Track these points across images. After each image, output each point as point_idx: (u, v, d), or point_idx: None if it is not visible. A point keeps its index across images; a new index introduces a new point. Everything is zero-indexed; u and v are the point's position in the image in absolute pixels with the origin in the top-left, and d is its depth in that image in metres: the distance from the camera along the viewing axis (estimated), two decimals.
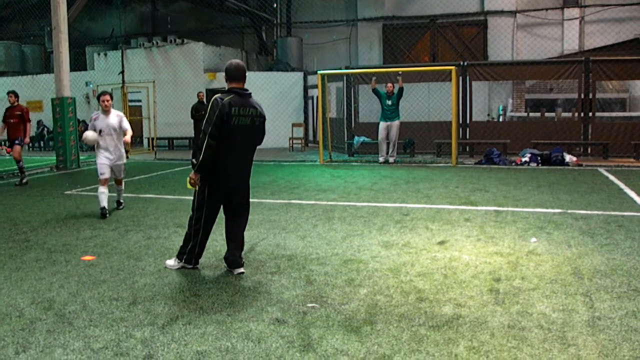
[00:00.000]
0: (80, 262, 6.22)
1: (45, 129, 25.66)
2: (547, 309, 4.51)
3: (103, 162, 8.85)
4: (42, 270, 5.90)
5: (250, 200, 6.03)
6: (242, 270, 5.65)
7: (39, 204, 10.21)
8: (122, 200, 9.52)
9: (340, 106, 19.24)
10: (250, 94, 5.61)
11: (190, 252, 5.74)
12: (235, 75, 5.59)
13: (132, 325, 4.34)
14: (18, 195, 11.49)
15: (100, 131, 8.77)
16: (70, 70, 17.06)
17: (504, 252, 6.25)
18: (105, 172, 8.86)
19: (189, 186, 5.56)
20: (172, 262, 5.89)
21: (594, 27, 22.92)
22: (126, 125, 9.01)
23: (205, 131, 5.31)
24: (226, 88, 5.66)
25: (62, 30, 16.38)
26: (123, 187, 9.59)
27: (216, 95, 5.45)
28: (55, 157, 16.84)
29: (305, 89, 23.09)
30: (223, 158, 5.44)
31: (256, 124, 5.65)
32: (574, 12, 23.04)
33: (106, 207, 8.75)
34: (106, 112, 8.93)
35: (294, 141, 21.30)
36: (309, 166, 15.79)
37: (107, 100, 9.00)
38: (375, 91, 15.90)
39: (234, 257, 5.68)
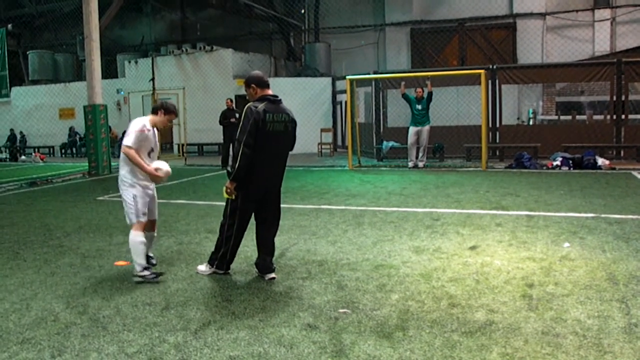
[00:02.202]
0: (114, 267, 6.30)
1: (78, 135, 26.06)
2: (582, 315, 4.45)
3: (143, 196, 5.85)
4: (76, 275, 5.99)
5: (281, 205, 6.05)
6: (273, 275, 5.65)
7: (72, 210, 10.35)
8: (153, 255, 6.30)
9: (369, 111, 19.23)
10: (280, 100, 5.62)
11: (222, 258, 5.73)
12: (265, 82, 5.60)
13: (165, 330, 4.38)
14: (52, 201, 11.67)
15: (150, 151, 6.01)
16: (102, 78, 17.30)
17: (536, 258, 6.17)
18: (147, 212, 5.90)
19: (225, 195, 5.52)
20: (203, 268, 5.89)
21: (625, 28, 22.60)
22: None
23: (240, 140, 5.30)
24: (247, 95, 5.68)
25: (93, 39, 16.62)
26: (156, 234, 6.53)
27: (249, 104, 5.41)
28: (87, 164, 17.07)
29: (334, 94, 23.11)
30: (258, 165, 5.40)
31: (289, 130, 5.66)
32: (605, 13, 22.75)
33: (152, 255, 6.27)
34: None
35: (323, 146, 21.33)
36: (338, 171, 15.79)
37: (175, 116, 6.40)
38: (405, 96, 15.85)
39: (265, 262, 5.68)
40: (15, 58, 29.81)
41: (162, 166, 5.99)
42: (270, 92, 5.59)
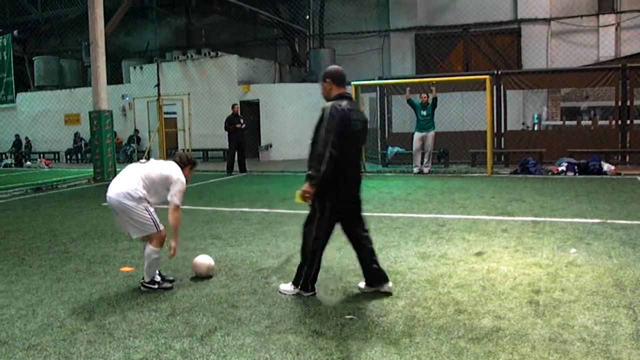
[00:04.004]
0: (119, 273, 6.31)
1: (83, 141, 26.13)
2: (589, 322, 4.43)
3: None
4: (82, 281, 5.99)
5: (285, 211, 6.03)
6: (390, 284, 5.33)
7: (78, 216, 10.37)
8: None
9: (374, 117, 19.22)
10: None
11: (307, 276, 5.23)
12: (342, 79, 5.29)
13: (171, 336, 4.37)
14: (57, 206, 11.69)
15: None
16: (107, 84, 17.34)
17: (542, 264, 6.15)
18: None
19: (299, 200, 5.09)
20: (288, 287, 5.38)
21: (630, 34, 22.60)
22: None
23: (327, 140, 4.89)
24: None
25: (99, 45, 16.68)
26: None
27: (332, 103, 5.05)
28: (92, 169, 17.11)
29: None
30: (343, 167, 5.04)
31: (365, 128, 5.41)
32: (610, 18, 22.75)
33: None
34: None
35: None
36: None
37: None
38: (410, 102, 15.86)
39: (379, 272, 5.30)
40: (21, 64, 29.92)
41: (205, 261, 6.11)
42: (345, 90, 5.30)
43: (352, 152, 5.19)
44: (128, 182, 5.56)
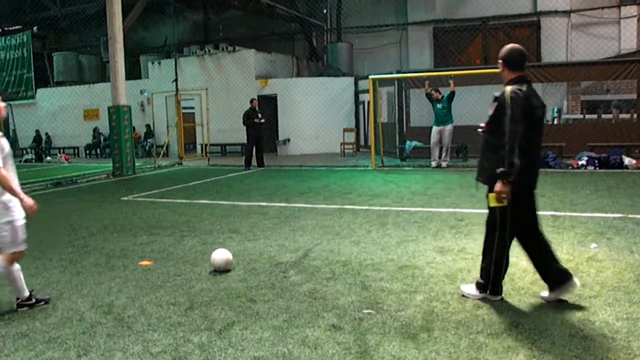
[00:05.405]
0: (138, 267, 6.34)
1: (102, 136, 26.30)
2: (610, 317, 4.37)
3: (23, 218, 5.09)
4: (101, 275, 6.03)
5: (303, 205, 6.01)
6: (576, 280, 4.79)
7: (97, 210, 10.44)
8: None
9: (392, 111, 19.14)
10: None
11: (495, 280, 4.81)
12: (522, 61, 4.83)
13: (189, 330, 4.39)
14: (76, 201, 11.78)
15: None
16: (126, 79, 17.43)
17: (562, 259, 6.05)
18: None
19: (494, 203, 4.61)
20: (473, 292, 4.93)
21: None
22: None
23: (516, 131, 4.38)
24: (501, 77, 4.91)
25: (117, 40, 16.76)
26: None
27: (513, 89, 4.57)
28: (111, 164, 17.22)
29: (356, 93, 23.06)
30: (529, 159, 4.54)
31: (544, 115, 4.83)
32: (632, 9, 22.41)
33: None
34: None
35: (346, 146, 21.28)
36: (361, 171, 15.75)
37: None
38: (428, 95, 15.80)
39: (565, 274, 4.77)
40: (40, 60, 30.17)
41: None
42: (523, 73, 4.78)
43: (536, 142, 4.71)
44: None
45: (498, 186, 4.46)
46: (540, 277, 4.87)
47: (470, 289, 4.97)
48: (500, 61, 4.84)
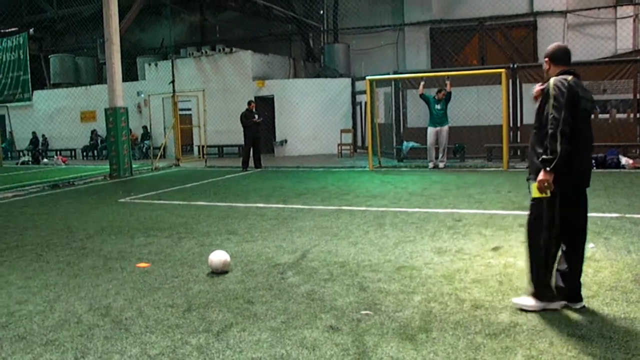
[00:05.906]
0: (135, 269, 6.32)
1: (99, 138, 26.29)
2: (608, 317, 4.38)
3: None
4: (98, 277, 6.02)
5: (301, 206, 6.01)
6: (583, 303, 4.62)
7: (94, 212, 10.43)
8: None
9: (389, 111, 19.16)
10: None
11: (548, 284, 4.58)
12: (567, 57, 4.64)
13: (187, 331, 4.38)
14: (74, 203, 11.76)
15: None
16: (123, 81, 17.42)
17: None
18: None
19: (536, 194, 4.43)
20: (532, 303, 4.55)
21: None
22: None
23: (558, 118, 4.22)
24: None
25: (114, 42, 16.76)
26: None
27: (556, 79, 4.40)
28: (108, 166, 17.20)
29: (353, 94, 23.08)
30: (577, 153, 4.35)
31: (593, 108, 4.65)
32: (628, 10, 22.48)
33: None
34: None
35: (343, 147, 21.30)
36: (359, 172, 15.76)
37: None
38: (423, 96, 15.78)
39: (577, 286, 4.64)
40: (37, 62, 30.15)
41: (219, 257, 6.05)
42: (570, 67, 4.58)
43: (585, 135, 4.46)
44: None
45: (541, 175, 4.30)
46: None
47: (530, 301, 4.58)
48: (546, 59, 4.70)
